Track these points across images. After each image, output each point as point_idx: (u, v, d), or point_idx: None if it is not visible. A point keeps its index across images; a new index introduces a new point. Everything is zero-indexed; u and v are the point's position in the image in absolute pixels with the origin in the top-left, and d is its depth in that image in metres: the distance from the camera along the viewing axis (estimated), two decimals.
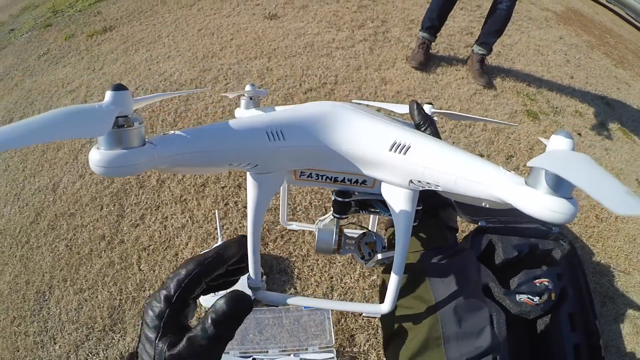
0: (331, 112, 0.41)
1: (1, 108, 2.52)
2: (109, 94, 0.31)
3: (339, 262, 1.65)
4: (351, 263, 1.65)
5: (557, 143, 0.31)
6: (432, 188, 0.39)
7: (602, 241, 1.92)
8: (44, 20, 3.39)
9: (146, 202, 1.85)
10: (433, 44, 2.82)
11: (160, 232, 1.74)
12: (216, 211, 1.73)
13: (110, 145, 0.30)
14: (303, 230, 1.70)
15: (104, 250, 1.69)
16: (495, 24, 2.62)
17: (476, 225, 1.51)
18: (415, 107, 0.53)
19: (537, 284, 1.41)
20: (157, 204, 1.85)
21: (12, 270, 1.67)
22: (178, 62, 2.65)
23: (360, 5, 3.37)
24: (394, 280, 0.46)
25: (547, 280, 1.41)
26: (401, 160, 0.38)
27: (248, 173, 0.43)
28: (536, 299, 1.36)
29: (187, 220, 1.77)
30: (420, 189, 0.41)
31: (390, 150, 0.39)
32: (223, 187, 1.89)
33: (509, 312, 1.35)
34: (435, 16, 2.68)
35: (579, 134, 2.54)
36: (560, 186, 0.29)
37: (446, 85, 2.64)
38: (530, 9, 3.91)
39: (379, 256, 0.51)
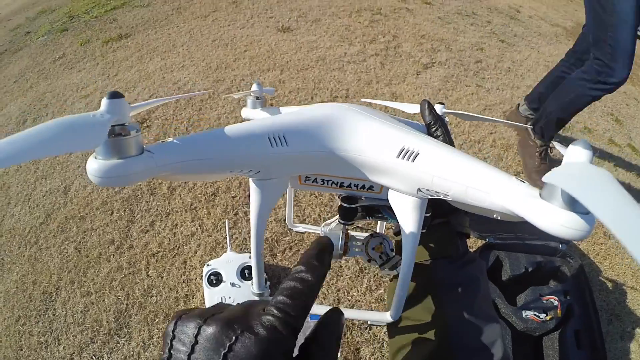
0: (336, 116, 0.39)
1: (15, 109, 2.57)
2: (104, 102, 0.30)
3: (346, 275, 1.64)
4: (358, 276, 1.65)
5: (575, 155, 0.29)
6: (441, 197, 0.37)
7: (609, 258, 1.91)
8: (60, 25, 3.45)
9: (156, 209, 1.87)
10: (444, 58, 2.81)
11: (169, 239, 1.75)
12: (226, 220, 1.73)
13: (108, 154, 0.30)
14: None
15: (113, 255, 1.70)
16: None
17: (484, 241, 1.51)
18: (426, 106, 0.50)
19: (544, 301, 1.40)
20: (168, 211, 1.86)
21: (19, 269, 1.69)
22: (192, 72, 2.69)
23: (372, 20, 3.41)
24: (400, 288, 0.44)
25: (554, 297, 1.40)
26: (409, 168, 0.37)
27: (250, 179, 0.41)
28: (542, 315, 1.36)
29: (197, 229, 1.78)
30: (429, 197, 0.39)
31: (398, 157, 0.37)
32: (233, 197, 1.91)
33: (515, 329, 1.35)
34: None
35: None
36: (576, 202, 0.27)
37: (456, 101, 2.65)
38: (540, 24, 3.94)
39: (399, 256, 0.48)
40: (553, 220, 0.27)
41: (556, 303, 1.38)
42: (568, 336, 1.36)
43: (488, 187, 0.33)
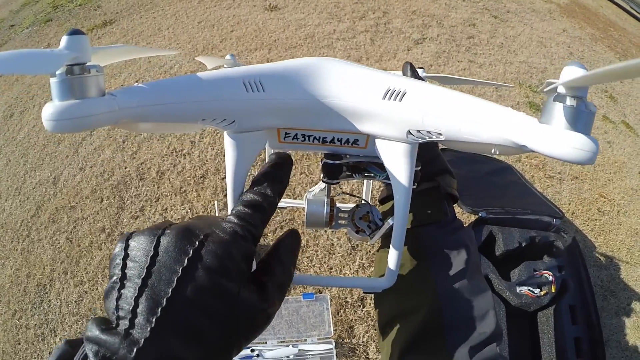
0: (316, 64, 0.37)
1: (2, 103, 2.53)
2: (63, 39, 0.28)
3: (338, 253, 1.64)
4: (350, 254, 1.64)
5: (571, 74, 0.27)
6: (434, 138, 0.34)
7: (604, 234, 1.91)
8: (44, 16, 3.39)
9: (146, 194, 1.85)
10: (435, 34, 2.78)
11: None
12: (215, 202, 1.73)
13: (64, 95, 0.28)
14: (303, 221, 1.69)
15: (104, 243, 1.69)
16: None
17: (476, 216, 1.49)
18: (408, 68, 0.48)
19: (538, 276, 1.40)
20: (157, 195, 1.85)
21: (13, 263, 1.68)
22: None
23: None
24: (395, 250, 0.41)
25: (548, 272, 1.40)
26: (397, 108, 0.34)
27: (225, 133, 0.38)
28: (537, 291, 1.35)
29: (187, 212, 1.77)
30: (420, 140, 0.36)
31: (384, 98, 0.34)
32: (223, 179, 1.89)
33: (509, 304, 1.34)
34: None
35: None
36: (579, 121, 0.26)
37: None
38: (534, 0, 3.88)
39: (390, 221, 0.44)
40: (560, 142, 0.26)
41: (550, 278, 1.38)
42: (563, 312, 1.35)
43: (483, 118, 0.31)
